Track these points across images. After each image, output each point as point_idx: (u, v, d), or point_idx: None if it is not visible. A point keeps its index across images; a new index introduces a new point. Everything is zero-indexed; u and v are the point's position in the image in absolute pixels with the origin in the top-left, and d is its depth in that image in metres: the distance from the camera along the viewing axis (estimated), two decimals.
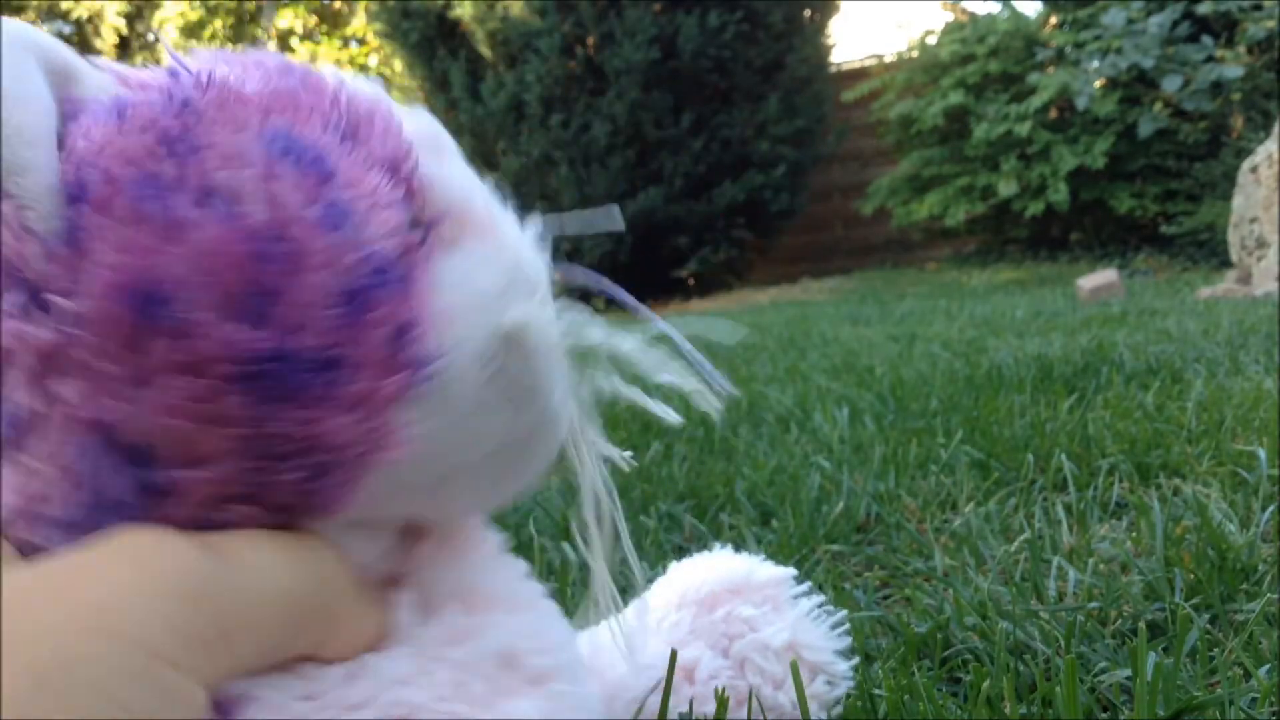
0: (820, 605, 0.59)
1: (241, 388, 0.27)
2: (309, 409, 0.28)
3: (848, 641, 0.58)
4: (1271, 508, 0.90)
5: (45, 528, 0.28)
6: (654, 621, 0.56)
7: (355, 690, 0.30)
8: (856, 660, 0.59)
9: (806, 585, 0.59)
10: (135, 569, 0.25)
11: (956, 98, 6.16)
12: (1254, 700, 0.57)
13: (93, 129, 0.28)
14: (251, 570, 0.28)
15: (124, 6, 11.01)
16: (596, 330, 0.38)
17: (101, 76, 0.31)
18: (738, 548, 0.63)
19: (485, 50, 6.71)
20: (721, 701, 0.52)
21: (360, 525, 0.32)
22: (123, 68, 0.32)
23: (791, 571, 0.59)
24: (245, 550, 0.28)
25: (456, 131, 6.88)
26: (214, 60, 0.31)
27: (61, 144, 0.28)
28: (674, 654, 0.52)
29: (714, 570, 0.58)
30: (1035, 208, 5.89)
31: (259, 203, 0.28)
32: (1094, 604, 0.74)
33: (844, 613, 0.60)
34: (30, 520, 0.28)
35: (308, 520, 0.30)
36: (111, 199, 0.27)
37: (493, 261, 0.33)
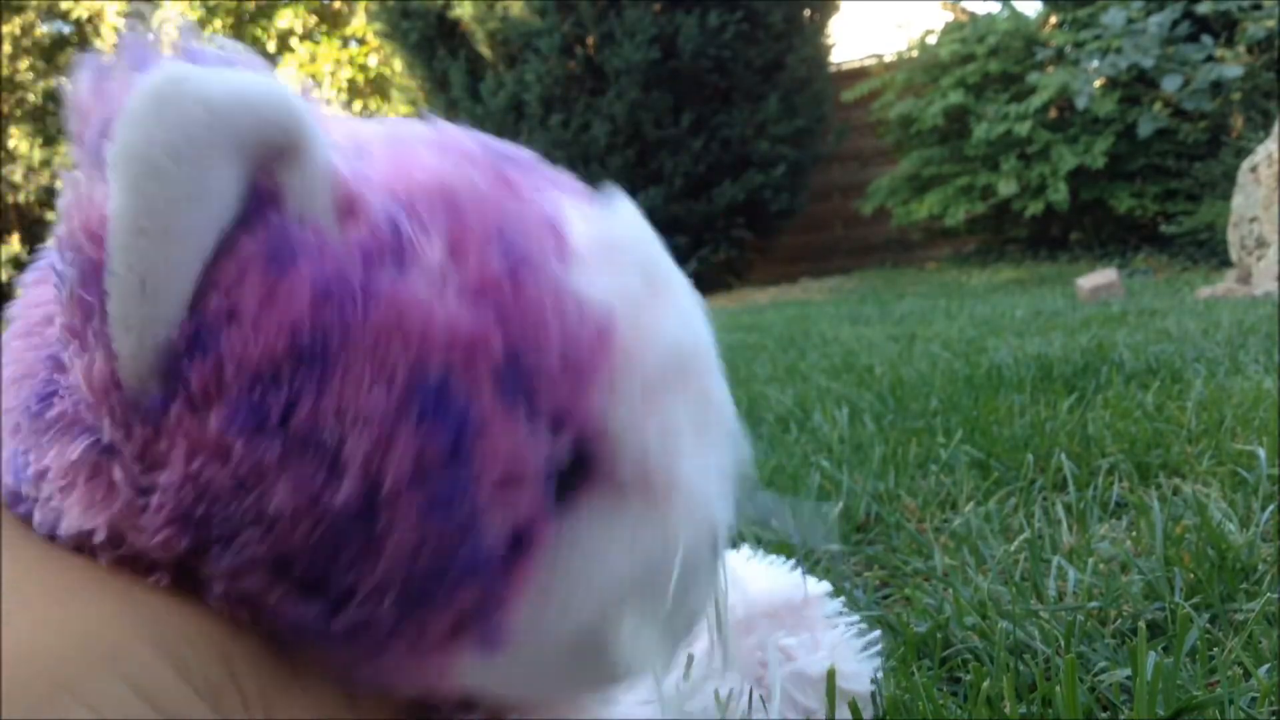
0: (855, 624, 0.57)
1: (289, 628, 0.28)
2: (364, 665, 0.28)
3: (878, 663, 0.57)
4: (1271, 507, 0.90)
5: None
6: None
7: None
8: (880, 678, 0.58)
9: (840, 602, 0.57)
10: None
11: (956, 97, 6.16)
12: (1254, 700, 0.57)
13: (236, 285, 0.25)
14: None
15: (124, 6, 11.00)
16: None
17: (324, 169, 0.27)
18: (737, 548, 0.63)
19: (485, 50, 6.71)
20: (721, 704, 0.52)
21: None
22: (356, 136, 0.30)
23: (827, 588, 0.57)
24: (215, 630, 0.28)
25: None
26: (439, 219, 0.28)
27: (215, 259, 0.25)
28: (689, 658, 0.51)
29: (747, 590, 0.55)
30: (1035, 207, 5.88)
31: (356, 475, 0.25)
32: (1094, 604, 0.74)
33: (878, 633, 0.58)
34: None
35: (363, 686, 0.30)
36: (207, 406, 0.25)
37: (638, 548, 0.30)
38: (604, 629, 0.30)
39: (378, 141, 0.30)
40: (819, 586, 0.56)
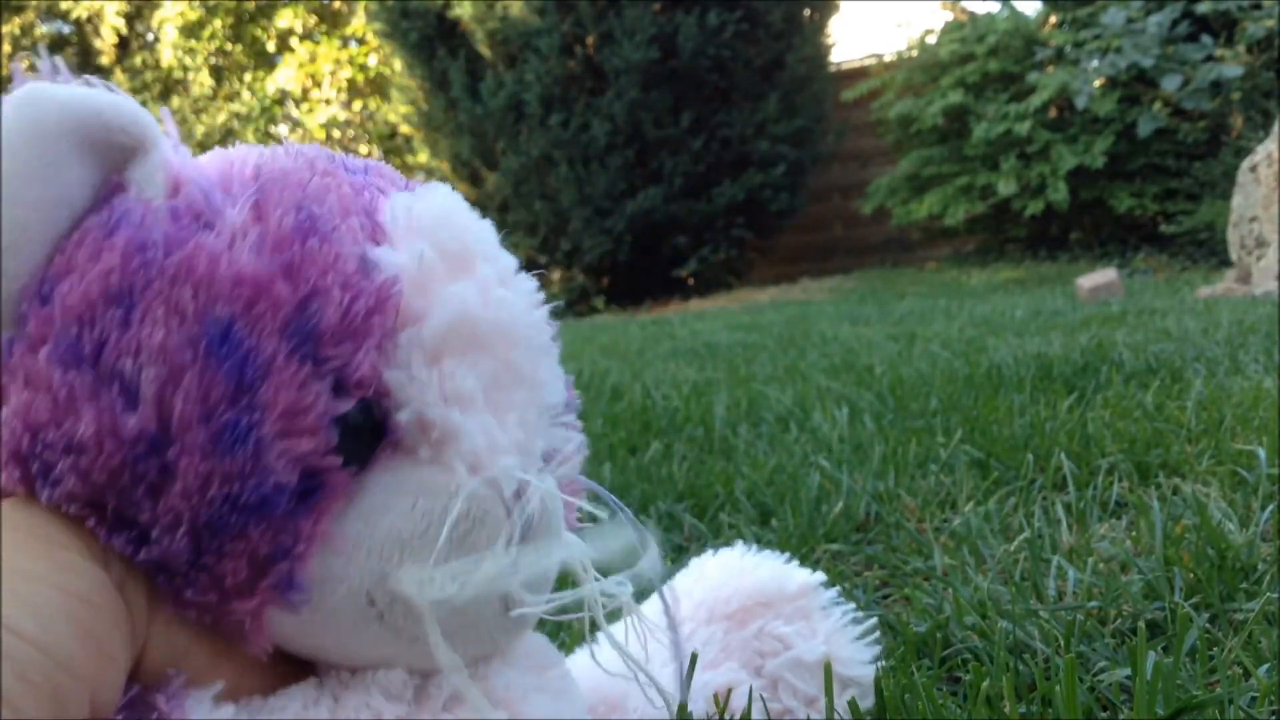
0: (851, 611, 0.57)
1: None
2: (173, 602, 0.30)
3: (877, 650, 0.57)
4: (1271, 507, 0.90)
5: None
6: (684, 635, 0.54)
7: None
8: (881, 664, 0.58)
9: (835, 591, 0.58)
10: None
11: (956, 97, 6.16)
12: (1253, 699, 0.57)
13: (75, 249, 0.30)
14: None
15: (123, 6, 11.00)
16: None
17: (160, 162, 0.32)
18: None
19: (485, 50, 6.71)
20: (720, 706, 0.52)
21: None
22: (185, 156, 0.34)
23: (821, 577, 0.58)
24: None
25: (456, 131, 6.90)
26: (249, 193, 0.32)
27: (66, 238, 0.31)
28: (694, 657, 0.51)
29: (742, 580, 0.56)
30: (1035, 207, 5.89)
31: (150, 405, 0.29)
32: (1093, 603, 0.74)
33: (874, 620, 0.58)
34: None
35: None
36: (39, 345, 0.30)
37: (421, 499, 0.33)
38: (388, 581, 0.32)
39: (222, 152, 0.36)
40: (813, 576, 0.57)
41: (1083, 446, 1.18)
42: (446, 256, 0.34)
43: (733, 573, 0.56)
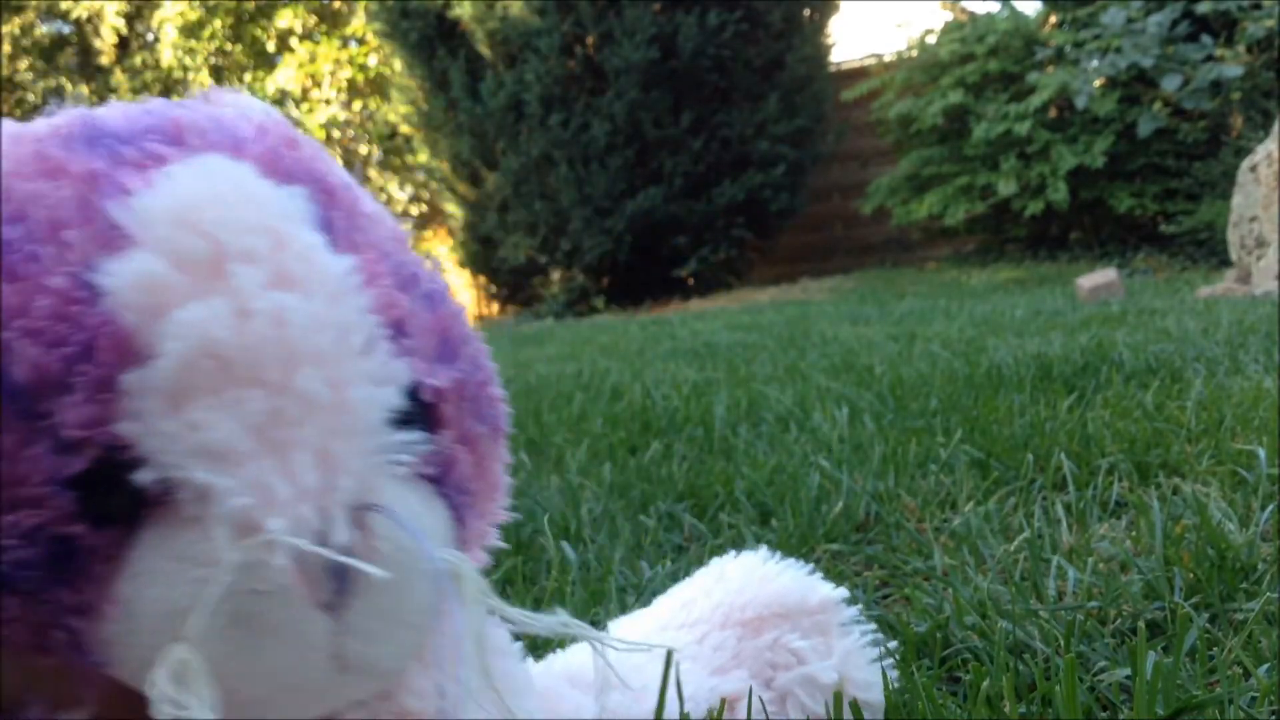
0: (869, 631, 0.56)
1: None
2: None
3: (893, 673, 0.56)
4: (1271, 507, 0.90)
5: None
6: (696, 637, 0.53)
7: None
8: (895, 684, 0.57)
9: (857, 609, 0.56)
10: None
11: (956, 97, 6.16)
12: (1253, 699, 0.57)
13: None
14: None
15: (123, 6, 11.00)
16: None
17: None
18: (737, 547, 0.63)
19: (485, 50, 6.71)
20: (716, 715, 0.51)
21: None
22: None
23: (844, 593, 0.56)
24: None
25: (456, 131, 6.90)
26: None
27: None
28: (669, 655, 0.49)
29: (763, 588, 0.54)
30: (1035, 207, 5.88)
31: None
32: (1093, 603, 0.74)
33: (895, 643, 0.57)
34: None
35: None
36: None
37: (189, 567, 0.28)
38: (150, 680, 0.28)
39: None
40: (835, 591, 0.55)
41: (1083, 446, 1.18)
42: (186, 264, 0.27)
43: (754, 579, 0.55)
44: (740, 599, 0.54)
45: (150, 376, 0.27)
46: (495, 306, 7.90)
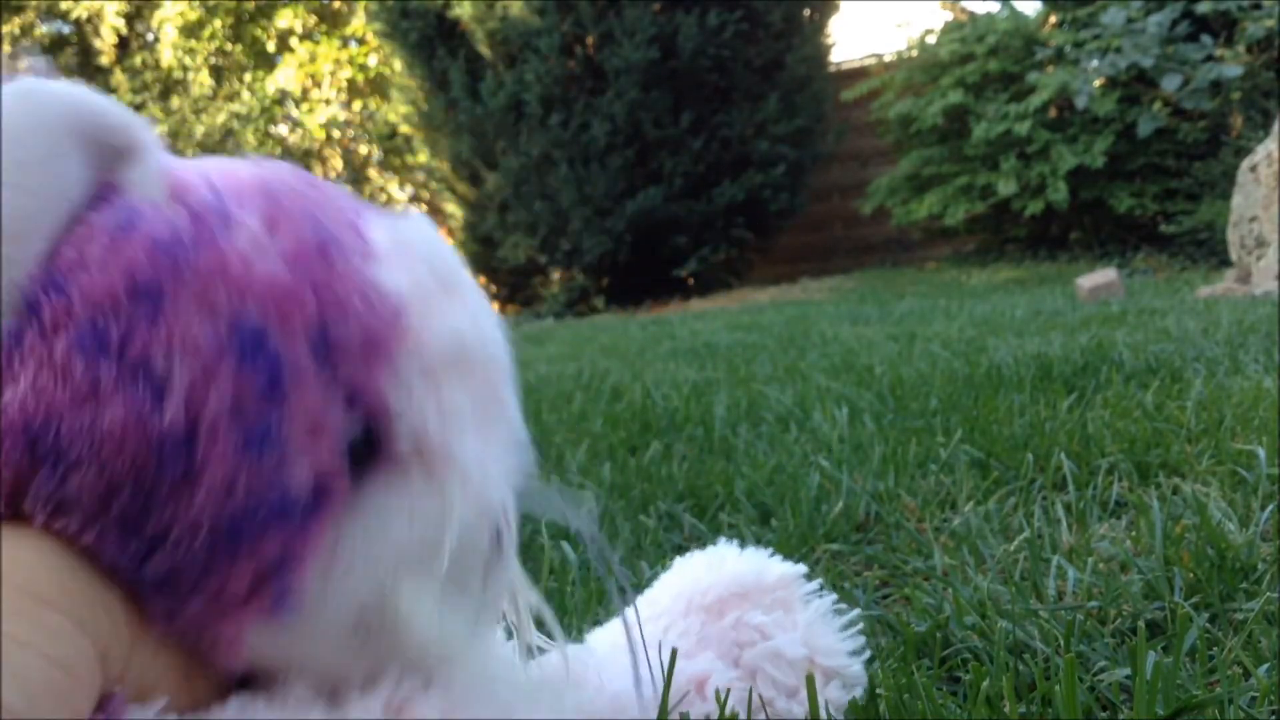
0: (833, 603, 0.57)
1: (100, 561, 0.29)
2: (172, 607, 0.30)
3: (860, 641, 0.56)
4: (1271, 506, 0.90)
5: None
6: (660, 629, 0.54)
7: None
8: (867, 656, 0.58)
9: (817, 583, 0.57)
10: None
11: (956, 97, 6.16)
12: (1253, 699, 0.57)
13: (86, 243, 0.30)
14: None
15: (123, 6, 10.99)
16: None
17: (157, 166, 0.32)
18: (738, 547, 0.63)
19: (485, 50, 6.71)
20: (721, 703, 0.52)
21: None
22: (181, 163, 0.34)
23: (801, 569, 0.57)
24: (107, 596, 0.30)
25: (456, 131, 6.90)
26: (258, 202, 0.32)
27: (66, 233, 0.30)
28: (674, 653, 0.51)
29: (721, 572, 0.55)
30: (1035, 207, 5.89)
31: (180, 401, 0.28)
32: (1093, 603, 0.74)
33: (857, 611, 0.58)
34: None
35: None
36: (54, 334, 0.29)
37: (417, 520, 0.33)
38: (385, 600, 0.32)
39: (201, 161, 0.35)
40: (793, 567, 0.56)
41: (1083, 446, 1.18)
42: (438, 281, 0.34)
43: (712, 565, 0.56)
44: (699, 585, 0.55)
45: (420, 355, 0.32)
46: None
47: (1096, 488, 1.05)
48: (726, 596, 0.54)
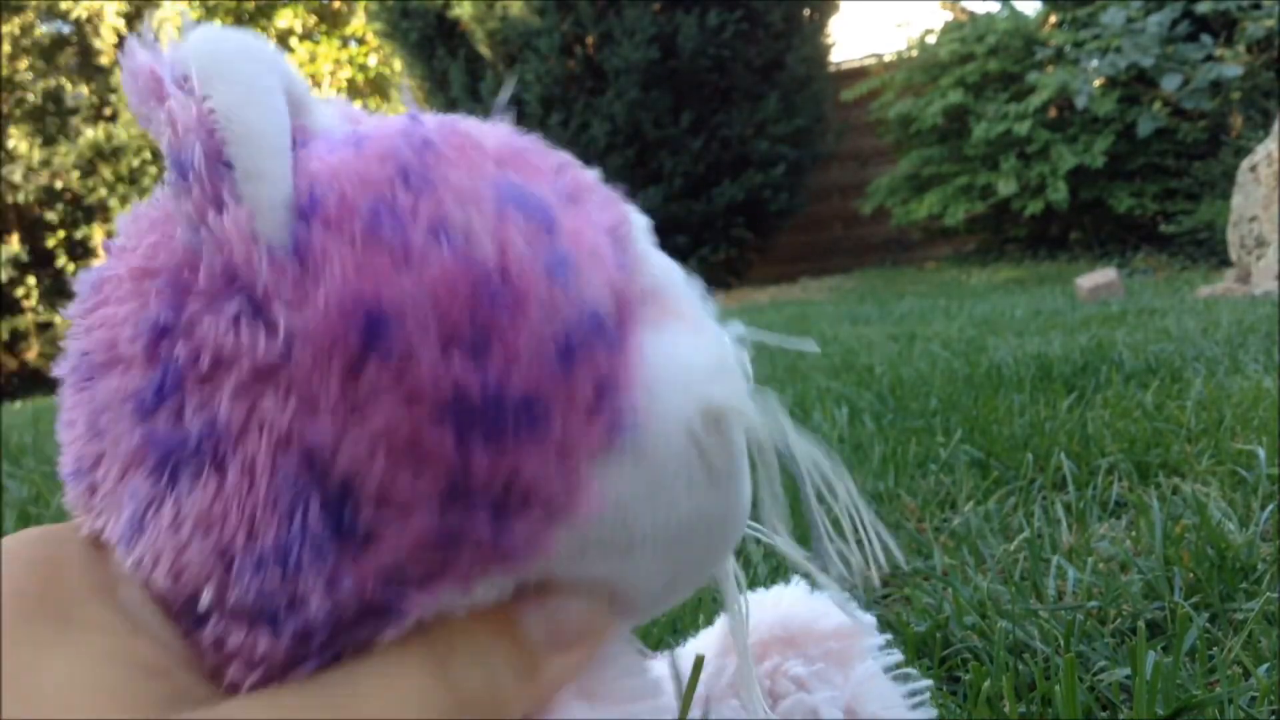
0: (896, 666, 0.49)
1: (451, 422, 0.27)
2: (511, 451, 0.27)
3: (931, 714, 0.48)
4: (1271, 506, 0.90)
5: (237, 557, 0.26)
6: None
7: None
8: None
9: (884, 639, 0.49)
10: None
11: (956, 97, 6.16)
12: (1253, 699, 0.57)
13: (328, 154, 0.29)
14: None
15: (123, 6, 11.00)
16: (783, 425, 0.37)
17: (332, 112, 0.32)
18: (737, 547, 0.61)
19: (484, 50, 6.72)
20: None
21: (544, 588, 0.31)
22: (355, 109, 0.33)
23: (869, 621, 0.49)
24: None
25: None
26: (452, 118, 0.32)
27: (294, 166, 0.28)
28: (699, 660, 0.44)
29: (770, 611, 0.48)
30: (1034, 207, 5.89)
31: (489, 243, 0.28)
32: (1093, 603, 0.74)
33: (928, 683, 0.49)
34: (215, 549, 0.27)
35: (495, 570, 0.29)
36: (345, 219, 0.27)
37: (699, 344, 0.33)
38: (706, 428, 0.31)
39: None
40: (858, 617, 0.48)
41: (1082, 446, 1.18)
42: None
43: (764, 604, 0.49)
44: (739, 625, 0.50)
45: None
46: None
47: (1096, 488, 1.05)
48: (769, 640, 0.47)
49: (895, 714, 0.47)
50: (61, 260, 11.19)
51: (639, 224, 0.35)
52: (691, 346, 0.32)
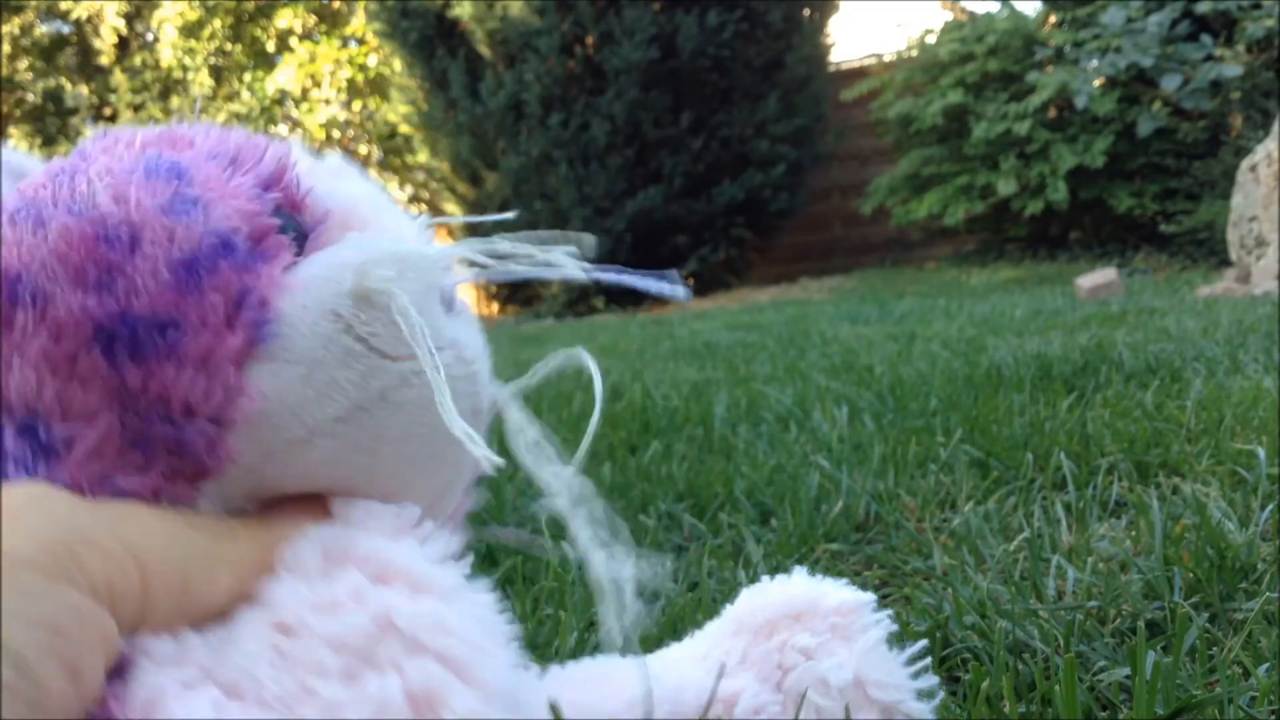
0: (895, 634, 0.51)
1: (96, 347, 0.32)
2: (159, 365, 0.32)
3: (932, 681, 0.51)
4: (1270, 506, 0.90)
5: None
6: (702, 652, 0.51)
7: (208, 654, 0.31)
8: (941, 698, 0.52)
9: (887, 613, 0.52)
10: (23, 513, 0.29)
11: (955, 97, 6.16)
12: (1253, 699, 0.57)
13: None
14: (122, 524, 0.30)
15: (123, 6, 10.99)
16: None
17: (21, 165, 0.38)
18: (737, 547, 0.62)
19: (484, 49, 6.71)
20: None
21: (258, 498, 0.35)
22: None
23: (868, 598, 0.52)
24: (120, 511, 0.31)
25: (456, 131, 6.90)
26: (114, 132, 0.39)
27: None
28: (722, 668, 0.48)
29: (774, 594, 0.52)
30: (1034, 207, 5.89)
31: (107, 200, 0.34)
32: (1093, 603, 0.74)
33: (924, 643, 0.52)
34: None
35: (196, 483, 0.34)
36: (7, 220, 0.34)
37: (360, 243, 0.36)
38: (352, 308, 0.35)
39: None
40: (859, 595, 0.51)
41: (1082, 446, 1.18)
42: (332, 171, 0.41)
43: (771, 589, 0.53)
44: (750, 606, 0.52)
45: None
46: (495, 306, 7.90)
47: (1096, 487, 1.05)
48: (777, 619, 0.50)
49: (896, 680, 0.49)
50: None
51: (335, 166, 0.40)
52: (349, 246, 0.36)
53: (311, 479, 0.35)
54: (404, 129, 8.53)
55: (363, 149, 10.45)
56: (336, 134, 10.43)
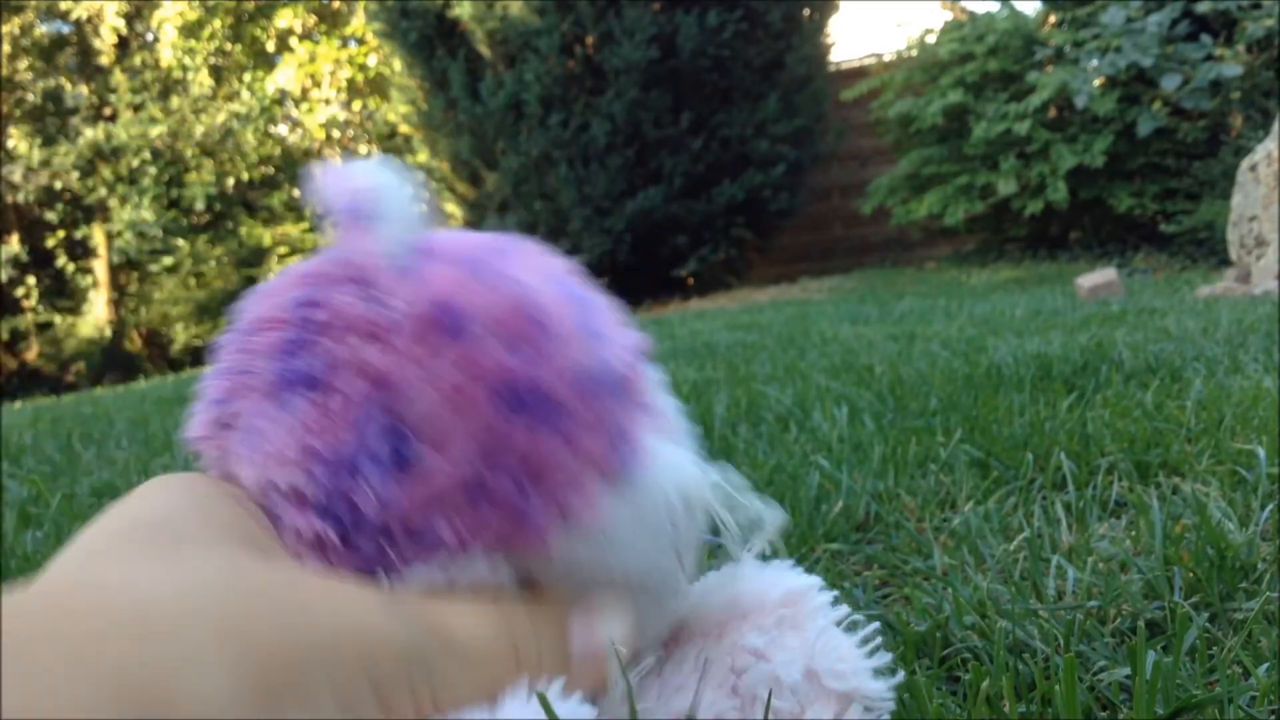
0: (844, 618, 0.49)
1: (498, 395, 0.34)
2: (546, 437, 0.35)
3: (886, 658, 0.49)
4: (1271, 506, 0.90)
5: (312, 461, 0.34)
6: (654, 662, 0.48)
7: None
8: (900, 678, 0.50)
9: (832, 595, 0.50)
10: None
11: (955, 96, 6.16)
12: (1253, 699, 0.57)
13: (446, 236, 0.39)
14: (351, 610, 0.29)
15: (123, 6, 11.00)
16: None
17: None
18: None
19: (484, 49, 6.71)
20: None
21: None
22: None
23: (814, 581, 0.50)
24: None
25: (455, 131, 6.90)
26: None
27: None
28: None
29: (723, 590, 0.50)
30: (1034, 206, 5.89)
31: (543, 293, 0.37)
32: (1093, 602, 0.74)
33: (875, 625, 0.50)
34: (302, 452, 0.34)
35: (508, 542, 0.36)
36: (451, 260, 0.36)
37: (685, 452, 0.41)
38: (683, 506, 0.39)
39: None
40: (804, 579, 0.50)
41: (1082, 446, 1.18)
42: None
43: (717, 586, 0.50)
44: (701, 608, 0.49)
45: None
46: None
47: (1096, 487, 1.05)
48: (724, 619, 0.49)
49: (850, 665, 0.48)
50: (61, 260, 11.18)
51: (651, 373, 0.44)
52: (680, 451, 0.41)
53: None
54: (404, 129, 8.54)
55: (362, 149, 10.46)
56: (336, 134, 10.44)
